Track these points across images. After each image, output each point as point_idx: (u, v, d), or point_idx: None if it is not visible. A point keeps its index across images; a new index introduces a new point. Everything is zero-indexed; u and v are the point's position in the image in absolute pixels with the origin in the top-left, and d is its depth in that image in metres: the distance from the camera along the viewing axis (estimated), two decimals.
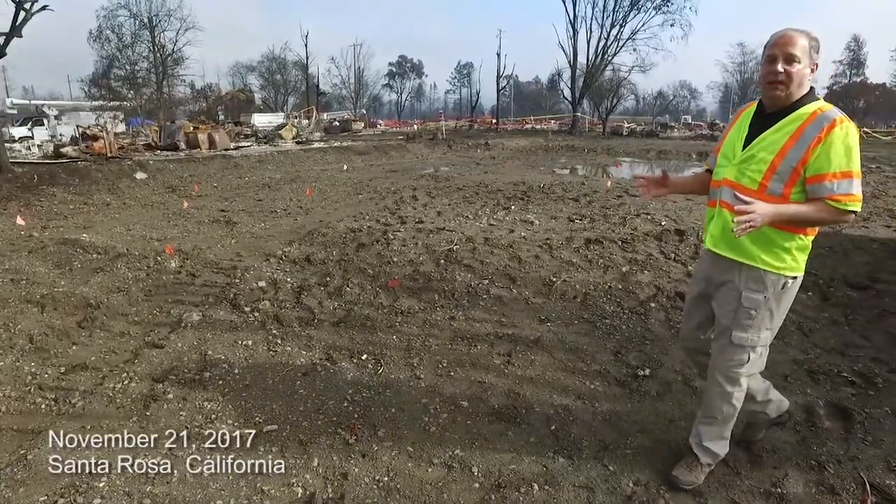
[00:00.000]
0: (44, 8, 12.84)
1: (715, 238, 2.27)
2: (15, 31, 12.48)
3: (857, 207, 2.01)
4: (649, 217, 7.75)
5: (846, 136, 1.97)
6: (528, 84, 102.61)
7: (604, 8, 43.41)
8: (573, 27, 43.75)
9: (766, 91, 2.09)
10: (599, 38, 43.83)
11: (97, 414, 3.14)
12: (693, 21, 58.39)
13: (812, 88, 2.09)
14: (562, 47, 45.33)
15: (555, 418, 3.08)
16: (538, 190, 10.87)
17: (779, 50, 2.02)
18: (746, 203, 1.93)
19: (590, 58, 44.23)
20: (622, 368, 3.60)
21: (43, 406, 3.24)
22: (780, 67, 2.01)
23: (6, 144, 13.46)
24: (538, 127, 49.46)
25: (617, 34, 43.50)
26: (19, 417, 3.13)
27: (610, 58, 44.11)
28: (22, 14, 12.47)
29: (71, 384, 3.47)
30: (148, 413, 3.14)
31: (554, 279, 5.03)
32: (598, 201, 9.41)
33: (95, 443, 2.87)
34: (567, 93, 46.81)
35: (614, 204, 9.08)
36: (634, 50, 44.44)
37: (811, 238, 2.16)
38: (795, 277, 2.19)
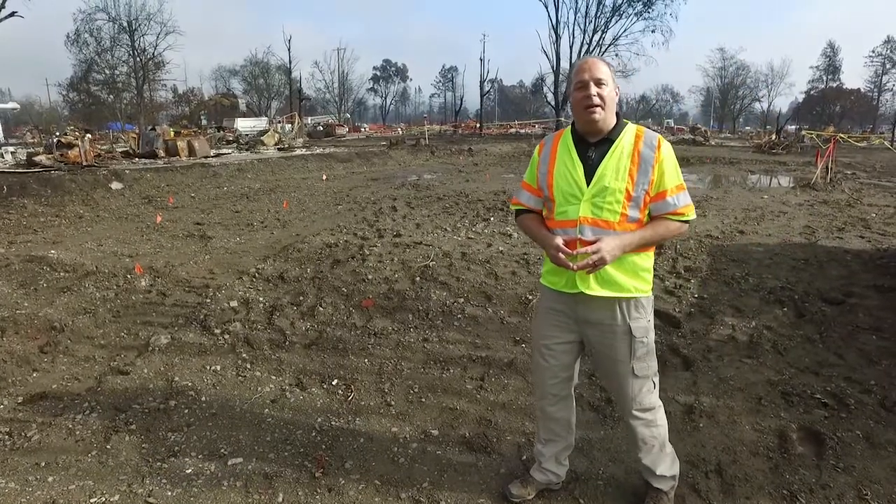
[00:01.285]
0: (12, 14, 12.58)
1: (585, 280, 2.12)
2: None
3: (694, 215, 2.18)
4: None
5: (670, 151, 2.11)
6: (512, 88, 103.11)
7: (585, 14, 43.94)
8: (556, 33, 44.17)
9: (584, 116, 2.08)
10: (582, 43, 44.31)
11: (54, 448, 3.02)
12: (673, 26, 59.12)
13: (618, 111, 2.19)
14: (545, 52, 45.51)
15: (526, 447, 3.03)
16: None
17: (588, 75, 2.06)
18: (592, 243, 2.02)
19: (572, 63, 44.58)
20: (596, 392, 3.57)
21: None
22: (593, 91, 2.04)
23: None
24: (522, 132, 49.66)
25: (599, 40, 44.03)
26: None
27: None
28: None
29: (28, 416, 3.35)
30: (108, 446, 3.03)
31: (530, 297, 4.99)
32: None
33: (51, 481, 2.77)
34: (551, 97, 47.11)
35: None
36: (616, 55, 44.91)
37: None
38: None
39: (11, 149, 19.81)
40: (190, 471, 2.84)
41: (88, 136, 21.50)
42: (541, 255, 6.13)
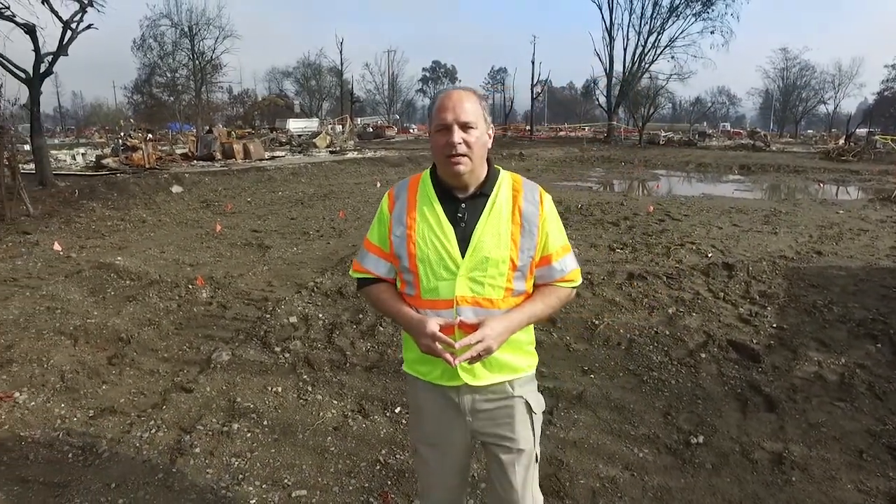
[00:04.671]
0: (89, 27, 13.16)
1: (469, 370, 1.70)
2: (61, 49, 12.84)
3: (580, 280, 1.84)
4: (694, 247, 7.39)
5: (553, 206, 1.75)
6: (561, 90, 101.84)
7: (641, 15, 42.81)
8: (610, 35, 43.26)
9: (447, 168, 1.65)
10: (636, 45, 43.25)
11: (123, 468, 3.03)
12: (734, 27, 56.96)
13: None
14: (598, 55, 44.54)
15: (601, 493, 2.85)
16: (576, 211, 10.58)
17: (451, 116, 1.61)
18: (471, 336, 1.59)
19: (626, 65, 43.59)
20: (673, 433, 3.34)
21: (70, 455, 3.16)
22: (457, 138, 1.60)
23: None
24: (572, 135, 48.90)
25: (655, 41, 42.85)
26: (46, 467, 3.06)
27: (647, 65, 43.46)
28: (69, 34, 12.79)
29: (98, 430, 3.40)
30: (174, 469, 3.02)
31: (596, 322, 4.78)
32: (639, 226, 9.07)
33: (122, 503, 2.77)
34: (603, 101, 46.20)
35: (656, 230, 8.73)
36: (672, 58, 43.62)
37: None
38: None
39: (82, 150, 20.80)
40: (254, 501, 2.79)
41: (150, 136, 22.38)
42: (605, 276, 5.91)
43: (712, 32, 42.05)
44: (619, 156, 27.38)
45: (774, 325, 4.80)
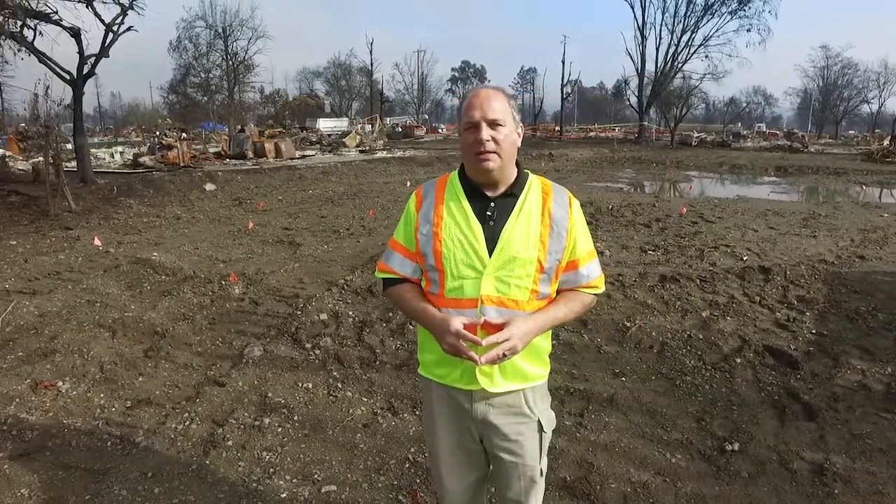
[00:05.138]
0: (129, 29, 13.53)
1: (488, 374, 1.67)
2: (103, 52, 13.21)
3: (604, 287, 1.82)
4: (729, 250, 7.22)
5: (581, 212, 1.75)
6: (591, 90, 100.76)
7: (674, 14, 42.02)
8: (642, 34, 42.57)
9: (476, 165, 1.64)
10: (669, 44, 42.47)
11: (159, 458, 3.10)
12: (772, 24, 55.48)
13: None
14: (629, 54, 43.92)
15: (632, 498, 2.80)
16: (607, 212, 10.44)
17: (479, 114, 1.60)
18: (499, 334, 1.56)
19: (658, 65, 42.85)
20: (707, 439, 3.27)
21: (109, 444, 3.25)
22: (485, 135, 1.59)
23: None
24: (602, 135, 48.34)
25: (688, 40, 41.98)
26: (87, 455, 3.15)
27: (680, 65, 42.64)
28: (110, 36, 13.17)
29: (135, 421, 3.48)
30: (207, 461, 3.08)
31: (628, 324, 4.71)
32: (671, 228, 8.91)
33: (157, 493, 2.83)
34: (634, 101, 45.45)
35: (689, 232, 8.56)
36: (707, 57, 42.65)
37: None
38: None
39: (120, 149, 21.39)
40: (285, 495, 2.82)
41: (184, 135, 22.89)
42: (636, 278, 5.81)
43: (749, 30, 41.07)
44: (650, 157, 26.94)
45: (814, 332, 4.66)
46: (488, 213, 1.66)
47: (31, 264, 6.78)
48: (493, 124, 1.60)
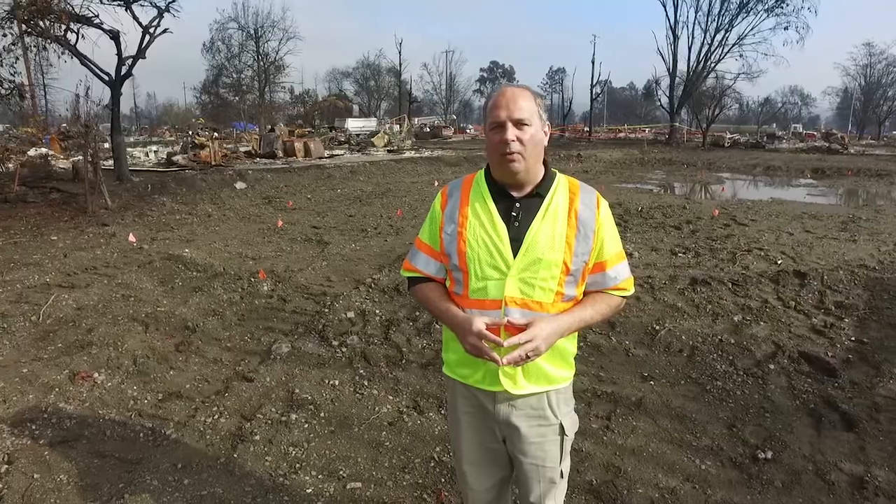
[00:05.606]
0: (165, 31, 13.88)
1: (511, 375, 1.65)
2: (140, 53, 13.59)
3: (633, 289, 1.77)
4: (762, 253, 7.04)
5: (609, 213, 1.71)
6: (621, 90, 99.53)
7: (708, 12, 40.97)
8: (674, 33, 41.71)
9: (501, 167, 1.62)
10: (702, 43, 41.41)
11: (188, 450, 3.16)
12: (811, 22, 53.84)
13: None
14: (660, 54, 43.02)
15: None
16: (636, 214, 10.28)
17: (505, 114, 1.58)
18: (522, 335, 1.54)
19: (690, 65, 41.95)
20: (738, 446, 3.19)
21: (141, 435, 3.33)
22: (511, 135, 1.56)
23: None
24: (632, 136, 47.68)
25: (722, 39, 40.91)
26: (120, 444, 3.23)
27: (713, 64, 41.63)
28: (147, 38, 13.52)
29: (166, 413, 3.56)
30: (235, 455, 3.12)
31: (657, 327, 4.63)
32: (702, 230, 8.72)
33: (186, 484, 2.89)
34: (664, 101, 44.62)
35: (721, 235, 8.36)
36: (741, 56, 41.52)
37: None
38: None
39: (154, 148, 21.93)
40: (310, 490, 2.85)
41: (216, 134, 23.35)
42: (666, 280, 5.70)
43: (786, 28, 39.73)
44: (681, 158, 26.45)
45: (853, 339, 4.50)
46: (513, 213, 1.65)
47: (71, 259, 6.99)
48: (519, 124, 1.58)
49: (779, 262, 6.61)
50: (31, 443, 3.21)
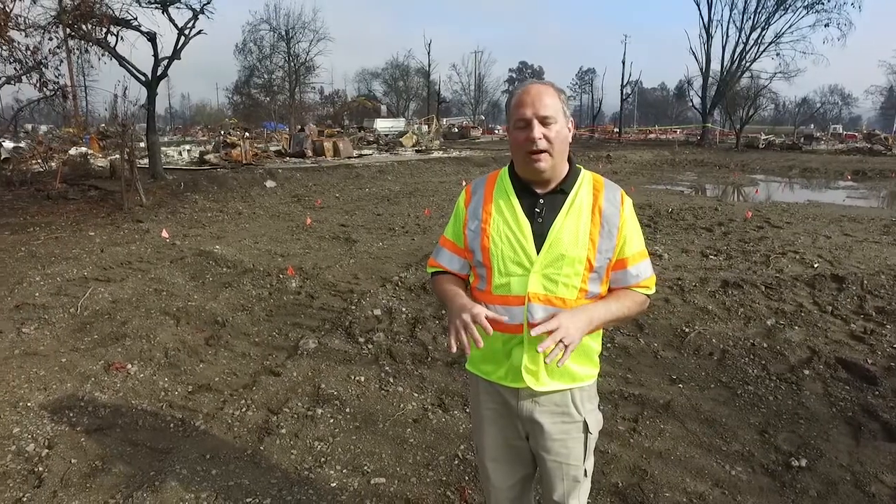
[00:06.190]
0: (199, 32, 14.20)
1: (534, 373, 1.64)
2: (175, 54, 13.93)
3: (654, 289, 1.74)
4: (798, 256, 6.84)
5: (633, 211, 1.69)
6: (652, 91, 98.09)
7: (744, 10, 39.99)
8: (707, 32, 40.87)
9: (527, 165, 1.60)
10: (737, 42, 40.47)
11: (216, 441, 3.22)
12: (854, 18, 52.12)
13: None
14: (693, 53, 42.19)
15: None
16: (666, 215, 10.11)
17: (530, 111, 1.55)
18: (549, 322, 1.48)
19: (725, 64, 41.02)
20: (770, 453, 3.10)
21: (171, 425, 3.40)
22: (537, 133, 1.54)
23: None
24: (663, 137, 46.91)
25: (758, 38, 39.90)
26: (151, 434, 3.31)
27: (748, 64, 40.63)
28: (182, 39, 13.85)
29: (196, 405, 3.63)
30: (262, 448, 3.17)
31: (687, 329, 4.54)
32: (734, 232, 8.52)
33: (214, 474, 2.94)
34: (697, 102, 43.71)
35: (754, 237, 8.16)
36: (777, 55, 40.40)
37: None
38: None
39: (187, 147, 22.42)
40: (335, 484, 2.87)
41: (247, 134, 23.77)
42: (696, 283, 5.59)
43: (827, 25, 38.38)
44: (713, 159, 25.92)
45: (895, 346, 4.35)
46: (537, 209, 1.64)
47: (107, 254, 7.20)
48: (545, 121, 1.57)
49: (815, 265, 6.42)
50: (69, 429, 3.32)
